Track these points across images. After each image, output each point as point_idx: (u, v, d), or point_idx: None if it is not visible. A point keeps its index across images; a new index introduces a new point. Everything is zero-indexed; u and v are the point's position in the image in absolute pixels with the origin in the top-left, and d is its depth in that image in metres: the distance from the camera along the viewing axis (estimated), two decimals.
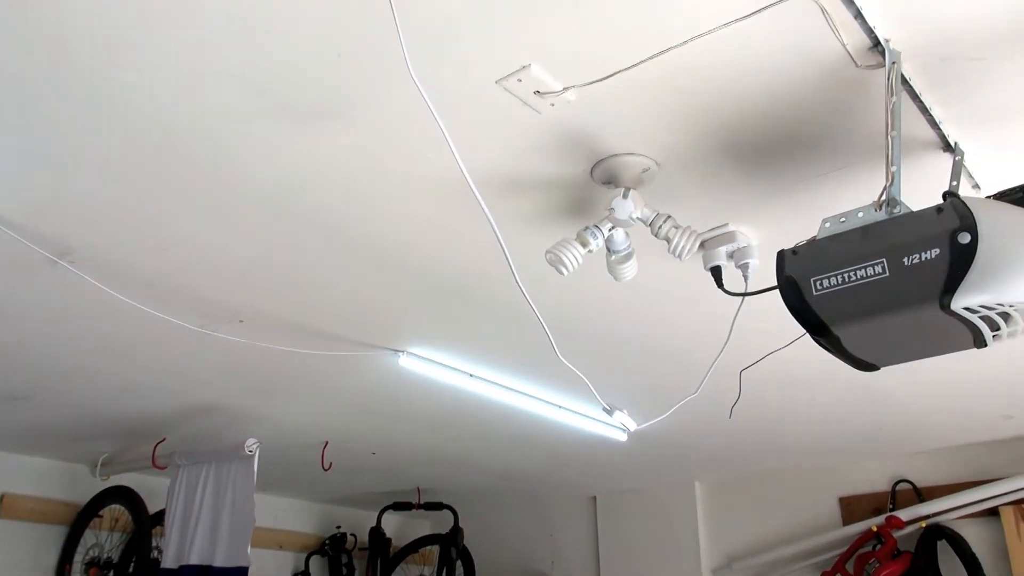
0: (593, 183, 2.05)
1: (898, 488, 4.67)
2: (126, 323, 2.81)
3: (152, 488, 4.73)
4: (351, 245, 2.36)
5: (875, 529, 4.50)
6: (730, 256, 2.28)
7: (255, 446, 3.72)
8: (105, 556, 4.72)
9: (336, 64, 1.65)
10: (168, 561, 3.88)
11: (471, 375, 3.33)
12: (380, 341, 3.06)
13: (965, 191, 2.04)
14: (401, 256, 2.43)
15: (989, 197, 1.61)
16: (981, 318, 1.50)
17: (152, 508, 4.59)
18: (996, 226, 1.46)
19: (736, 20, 1.52)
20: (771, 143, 1.92)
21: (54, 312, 2.77)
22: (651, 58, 1.61)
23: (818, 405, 3.81)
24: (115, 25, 1.54)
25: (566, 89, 1.72)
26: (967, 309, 1.47)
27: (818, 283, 1.59)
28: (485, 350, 3.15)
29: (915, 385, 3.54)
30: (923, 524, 4.38)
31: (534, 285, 2.46)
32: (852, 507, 4.81)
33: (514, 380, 3.44)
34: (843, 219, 1.62)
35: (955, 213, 1.48)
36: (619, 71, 1.66)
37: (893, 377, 3.12)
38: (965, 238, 1.46)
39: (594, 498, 5.79)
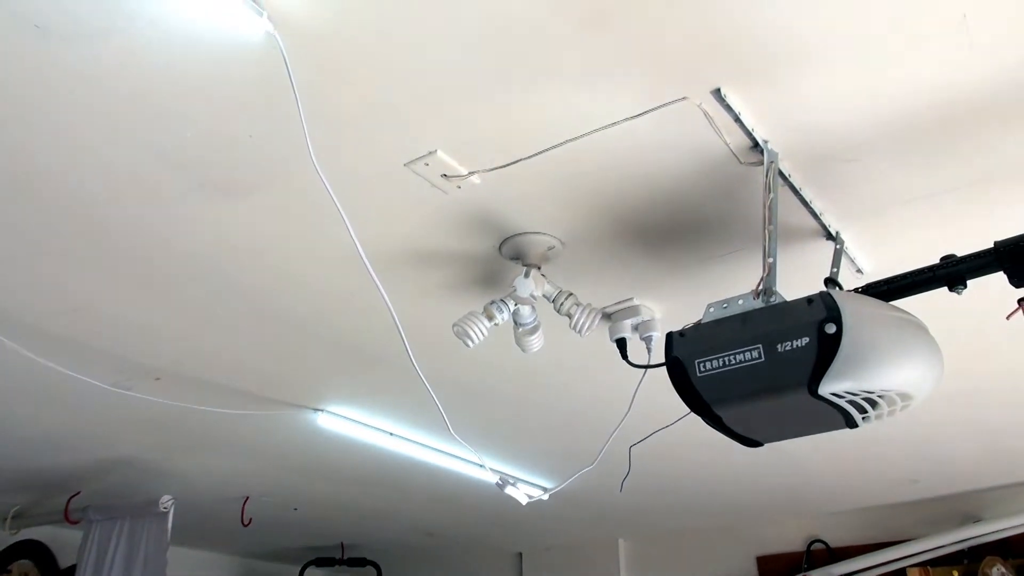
0: (501, 258, 2.14)
1: (812, 548, 4.80)
2: (39, 379, 2.79)
3: (63, 542, 4.61)
4: (265, 312, 2.40)
5: None
6: (635, 328, 2.37)
7: (170, 503, 3.68)
8: None
9: (248, 145, 1.71)
10: None
11: (391, 433, 3.36)
12: (298, 400, 3.08)
13: (849, 275, 2.20)
14: (314, 323, 2.48)
15: (857, 290, 1.73)
16: (848, 402, 1.61)
17: (63, 562, 4.47)
18: (860, 318, 1.57)
19: (625, 119, 1.64)
20: (669, 226, 2.04)
21: None
22: (547, 150, 1.71)
23: (733, 466, 3.92)
24: (32, 105, 1.58)
25: (471, 173, 1.81)
26: (834, 395, 1.58)
27: (701, 365, 1.69)
28: (403, 411, 3.19)
29: (827, 449, 3.67)
30: None
31: (445, 354, 2.53)
32: (769, 566, 4.91)
33: (432, 439, 3.48)
34: (726, 305, 1.72)
35: (823, 305, 1.59)
36: (519, 159, 1.75)
37: (806, 441, 3.25)
38: (831, 328, 1.57)
39: (520, 554, 5.80)
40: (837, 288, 1.89)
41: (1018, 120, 1.66)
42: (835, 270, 1.97)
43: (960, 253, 1.63)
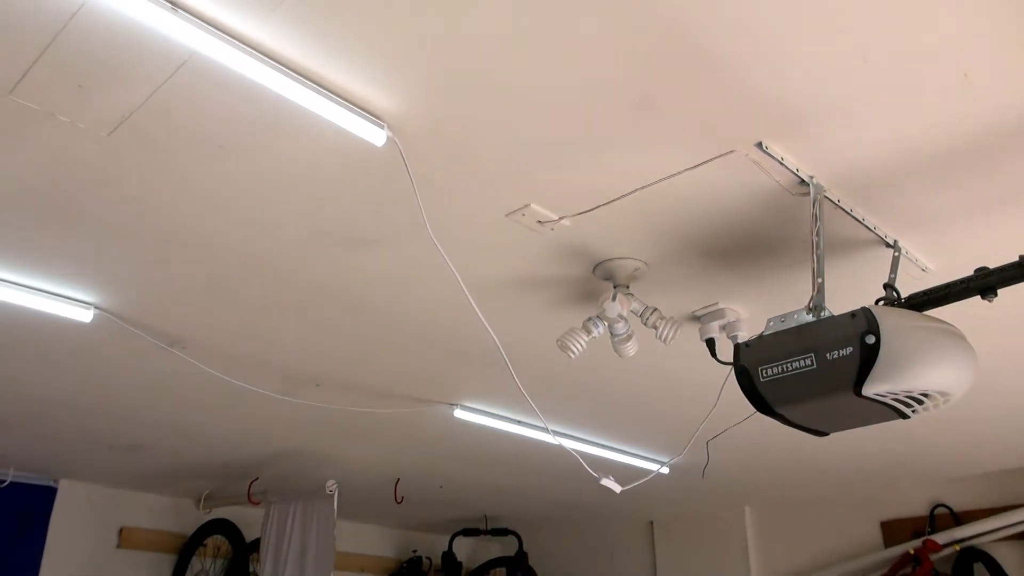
0: (596, 279, 2.49)
1: (936, 512, 4.91)
2: (220, 390, 3.36)
3: (248, 520, 5.31)
4: (404, 332, 2.86)
5: (913, 552, 4.75)
6: (722, 329, 2.67)
7: (334, 487, 4.25)
8: None
9: (380, 214, 2.14)
10: None
11: (519, 421, 3.77)
12: (436, 397, 3.54)
13: (916, 274, 2.42)
14: (443, 338, 2.93)
15: (899, 303, 1.98)
16: (893, 400, 1.88)
17: (248, 537, 5.18)
18: (895, 329, 1.84)
19: (684, 170, 1.95)
20: (739, 246, 2.33)
21: (166, 384, 3.34)
22: (619, 198, 2.05)
23: (853, 435, 4.07)
24: (219, 197, 2.06)
25: (561, 218, 2.17)
26: (877, 394, 1.85)
27: (764, 371, 1.98)
28: (526, 403, 3.59)
29: (945, 418, 3.78)
30: (957, 547, 4.62)
31: (561, 358, 2.90)
32: (893, 531, 5.06)
33: (561, 425, 3.87)
34: (783, 319, 2.01)
35: (864, 319, 1.86)
36: (599, 205, 2.10)
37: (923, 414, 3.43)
38: (871, 339, 1.84)
39: (651, 523, 6.15)
40: (894, 292, 2.13)
41: (1017, 148, 1.87)
42: (893, 276, 2.21)
43: (1006, 251, 1.85)
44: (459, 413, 3.62)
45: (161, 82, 1.68)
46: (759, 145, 1.87)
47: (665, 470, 4.38)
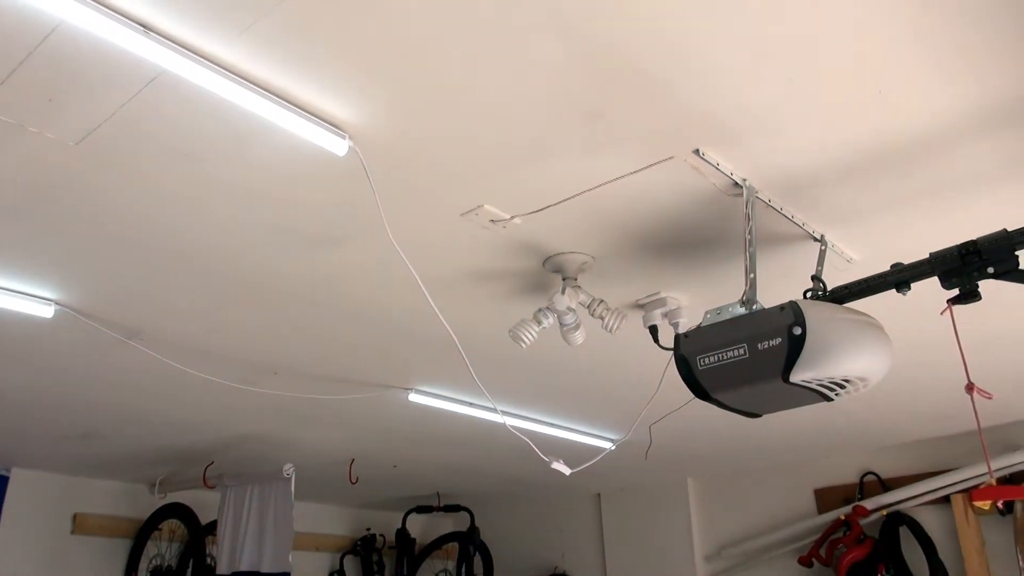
0: (546, 272, 2.63)
1: (865, 479, 5.20)
2: (180, 382, 3.43)
3: (203, 503, 5.37)
4: (361, 320, 2.96)
5: (844, 517, 5.04)
6: (664, 316, 2.83)
7: (291, 470, 4.35)
8: (166, 564, 5.38)
9: (340, 214, 2.24)
10: (222, 567, 4.54)
11: (471, 403, 3.91)
12: (392, 382, 3.66)
13: (841, 265, 2.61)
14: (400, 327, 3.03)
15: (822, 295, 2.16)
16: (818, 386, 2.05)
17: (204, 519, 5.25)
18: (820, 321, 2.01)
19: (628, 174, 2.09)
20: (681, 242, 2.48)
21: (123, 375, 3.39)
22: (568, 199, 2.19)
23: (790, 411, 4.32)
24: (190, 202, 2.14)
25: (513, 217, 2.29)
26: (804, 381, 2.02)
27: (701, 360, 2.14)
28: (477, 388, 3.73)
29: (875, 392, 4.03)
30: (884, 512, 4.92)
31: (513, 345, 3.04)
32: (826, 498, 5.35)
33: (512, 407, 4.02)
34: (719, 312, 2.17)
35: (791, 312, 2.02)
36: (550, 205, 2.23)
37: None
38: (798, 331, 2.00)
39: (598, 495, 6.37)
40: (821, 283, 2.31)
41: (929, 154, 2.06)
42: (820, 268, 2.39)
43: (922, 242, 2.03)
44: (414, 397, 3.74)
45: (130, 97, 1.75)
46: (696, 152, 2.01)
47: (606, 444, 4.57)
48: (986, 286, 1.95)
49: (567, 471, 2.32)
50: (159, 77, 1.70)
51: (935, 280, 1.99)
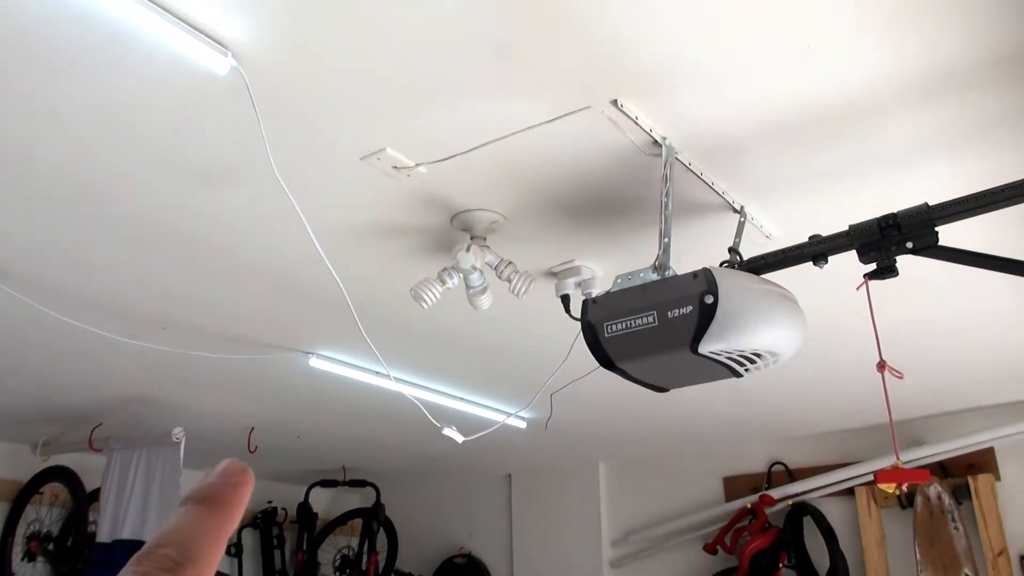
0: (454, 230, 2.47)
1: (773, 469, 5.22)
2: (62, 333, 3.16)
3: (90, 468, 5.07)
4: (255, 271, 2.75)
5: (750, 506, 5.04)
6: (578, 286, 2.71)
7: (181, 434, 4.10)
8: (45, 530, 5.06)
9: (226, 146, 2.03)
10: (103, 536, 4.26)
11: (377, 372, 3.74)
12: (291, 345, 3.45)
13: (760, 241, 2.52)
14: (297, 282, 2.83)
15: (739, 265, 2.06)
16: (727, 359, 1.95)
17: (89, 486, 4.95)
18: (733, 290, 1.90)
19: (540, 123, 1.94)
20: (597, 204, 2.35)
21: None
22: (477, 148, 2.03)
23: (702, 397, 4.24)
24: (58, 124, 1.91)
25: (418, 165, 2.12)
26: (712, 353, 1.92)
27: (608, 327, 2.02)
28: (384, 353, 3.55)
29: (785, 382, 4.02)
30: (790, 502, 4.94)
31: (416, 308, 2.88)
32: (734, 486, 5.35)
33: (417, 377, 3.86)
34: (630, 277, 2.05)
35: (704, 279, 1.91)
36: (456, 154, 2.07)
37: (766, 376, 3.61)
38: (709, 299, 1.89)
39: (509, 476, 6.27)
40: (737, 256, 2.21)
41: (858, 121, 1.96)
42: (737, 240, 2.29)
43: (847, 221, 1.93)
44: (315, 362, 3.55)
45: None
46: (615, 103, 1.88)
47: (517, 423, 4.45)
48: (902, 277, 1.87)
49: (460, 438, 2.18)
50: None
51: (854, 267, 1.91)
